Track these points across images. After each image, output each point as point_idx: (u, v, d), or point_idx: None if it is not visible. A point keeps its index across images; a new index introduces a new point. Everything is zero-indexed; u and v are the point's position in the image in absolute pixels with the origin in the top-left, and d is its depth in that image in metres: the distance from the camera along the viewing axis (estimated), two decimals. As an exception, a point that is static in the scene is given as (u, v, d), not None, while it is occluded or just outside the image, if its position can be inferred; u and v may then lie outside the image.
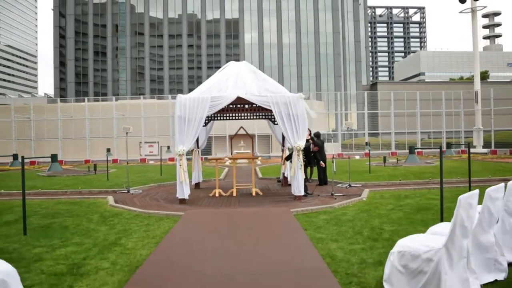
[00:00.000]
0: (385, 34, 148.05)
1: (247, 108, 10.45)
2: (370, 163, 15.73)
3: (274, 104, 8.85)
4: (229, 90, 9.26)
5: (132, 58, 63.09)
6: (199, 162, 11.90)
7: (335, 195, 9.31)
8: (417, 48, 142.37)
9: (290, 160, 9.79)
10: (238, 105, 10.19)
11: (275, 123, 10.65)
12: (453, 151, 25.65)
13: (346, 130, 29.90)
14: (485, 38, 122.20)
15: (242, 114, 10.89)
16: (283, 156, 11.87)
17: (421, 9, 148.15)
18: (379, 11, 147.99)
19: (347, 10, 65.02)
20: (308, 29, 61.58)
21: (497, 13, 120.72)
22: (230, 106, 10.14)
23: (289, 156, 10.13)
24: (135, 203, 9.03)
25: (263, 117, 11.23)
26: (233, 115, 10.97)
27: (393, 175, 13.15)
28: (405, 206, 7.65)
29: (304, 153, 10.31)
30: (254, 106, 9.94)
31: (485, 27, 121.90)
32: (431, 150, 26.74)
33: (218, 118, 11.22)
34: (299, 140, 8.83)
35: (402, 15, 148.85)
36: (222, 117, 11.17)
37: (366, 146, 17.28)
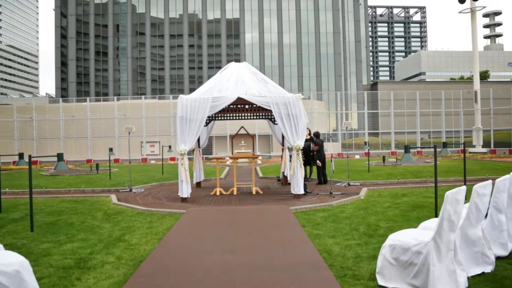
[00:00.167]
0: (386, 34, 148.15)
1: (248, 109, 10.64)
2: (370, 163, 15.91)
3: (274, 105, 9.03)
4: (230, 91, 9.44)
5: (133, 58, 63.32)
6: (200, 162, 12.09)
7: (334, 194, 9.48)
8: (418, 48, 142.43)
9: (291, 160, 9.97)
10: (239, 106, 10.38)
11: (275, 123, 10.83)
12: (449, 150, 25.93)
13: (345, 130, 30.09)
14: (486, 38, 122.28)
15: (243, 114, 11.08)
16: (283, 156, 12.04)
17: (422, 9, 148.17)
18: (380, 11, 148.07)
19: (348, 10, 65.17)
20: (309, 29, 61.75)
21: (498, 13, 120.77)
22: (231, 107, 10.33)
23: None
24: (138, 202, 9.22)
25: (263, 117, 11.41)
26: (234, 115, 11.16)
27: (392, 174, 13.32)
28: (402, 204, 7.83)
29: (304, 153, 10.50)
30: (254, 107, 10.13)
31: (486, 27, 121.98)
32: (431, 150, 26.89)
33: (219, 118, 11.40)
34: (298, 140, 9.02)
35: (403, 15, 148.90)
36: (223, 117, 11.36)
37: (365, 146, 17.47)
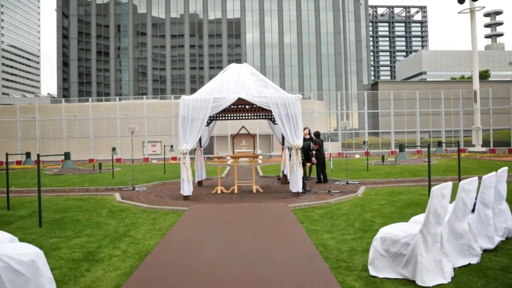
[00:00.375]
0: (387, 33, 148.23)
1: (248, 109, 10.87)
2: (370, 162, 16.12)
3: (274, 105, 9.26)
4: (231, 92, 9.68)
5: (135, 58, 63.63)
6: (202, 161, 12.32)
7: (332, 192, 9.70)
8: (419, 47, 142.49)
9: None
10: (239, 106, 10.61)
11: (275, 123, 11.05)
12: (448, 150, 26.28)
13: (345, 130, 30.32)
14: (487, 37, 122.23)
15: (243, 115, 11.31)
16: (283, 155, 12.27)
17: (423, 8, 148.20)
18: (381, 10, 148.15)
19: (348, 10, 65.36)
20: (309, 29, 61.98)
21: (499, 12, 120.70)
22: (232, 107, 10.56)
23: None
24: (141, 200, 9.45)
25: (264, 117, 11.65)
26: (235, 116, 11.39)
27: (390, 173, 13.53)
28: (397, 202, 8.05)
29: (304, 152, 10.73)
30: (255, 107, 10.36)
31: (487, 26, 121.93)
32: (433, 149, 27.07)
33: (220, 118, 11.64)
34: (298, 139, 9.25)
35: (404, 14, 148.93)
36: (224, 117, 11.60)
37: (364, 145, 17.69)
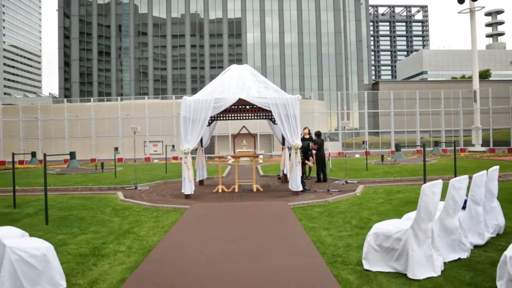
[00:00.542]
0: (388, 33, 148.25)
1: (249, 109, 11.06)
2: (370, 161, 16.31)
3: (274, 106, 9.44)
4: (231, 92, 9.86)
5: (136, 58, 63.85)
6: (203, 160, 12.51)
7: (331, 191, 9.88)
8: (420, 47, 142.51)
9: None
10: (240, 106, 10.80)
11: (275, 123, 11.23)
12: (441, 149, 26.52)
13: (344, 130, 30.49)
14: (488, 36, 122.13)
15: (244, 115, 11.50)
16: (283, 155, 12.45)
17: (424, 8, 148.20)
18: (382, 10, 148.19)
19: (349, 10, 65.45)
20: (310, 29, 62.11)
21: (500, 11, 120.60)
22: (232, 107, 10.74)
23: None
24: (143, 198, 9.64)
25: (264, 118, 11.83)
26: (235, 116, 11.58)
27: (389, 172, 13.70)
28: (395, 200, 8.23)
29: (303, 151, 10.91)
30: (255, 107, 10.55)
31: (488, 25, 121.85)
32: (429, 149, 27.25)
33: (221, 118, 11.82)
34: (297, 139, 9.44)
35: (405, 14, 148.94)
36: (225, 118, 11.78)
37: (363, 145, 17.86)
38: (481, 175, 4.69)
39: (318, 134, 12.80)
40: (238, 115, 11.56)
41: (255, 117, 11.72)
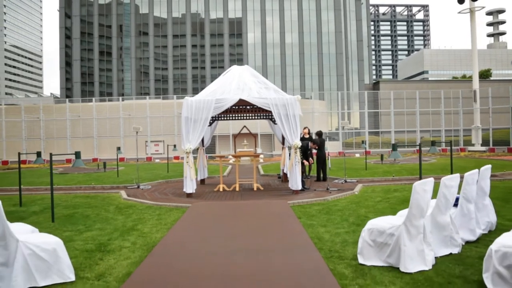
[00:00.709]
0: (389, 32, 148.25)
1: (249, 109, 11.24)
2: (370, 161, 16.48)
3: (274, 106, 9.62)
4: (232, 93, 10.05)
5: (137, 58, 64.09)
6: (204, 160, 12.69)
7: (330, 190, 10.06)
8: (421, 46, 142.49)
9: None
10: (241, 107, 10.98)
11: (275, 123, 11.41)
12: (438, 149, 26.59)
13: (342, 129, 30.67)
14: (489, 36, 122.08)
15: (244, 115, 11.68)
16: (283, 154, 12.63)
17: (425, 7, 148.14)
18: (383, 9, 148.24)
19: (350, 10, 65.59)
20: (311, 29, 62.27)
21: (502, 11, 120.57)
22: (233, 107, 10.92)
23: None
24: (146, 197, 9.83)
25: (264, 118, 12.00)
26: (236, 116, 11.76)
27: (388, 172, 13.88)
28: (392, 199, 8.41)
29: (303, 151, 11.09)
30: (256, 107, 10.72)
31: (489, 25, 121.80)
32: (427, 148, 27.40)
33: (222, 119, 12.00)
34: (296, 139, 9.62)
35: (406, 13, 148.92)
36: (226, 118, 11.96)
37: (362, 145, 18.03)
38: (473, 174, 4.86)
39: (320, 134, 12.98)
40: (239, 115, 11.74)
41: (256, 117, 11.89)
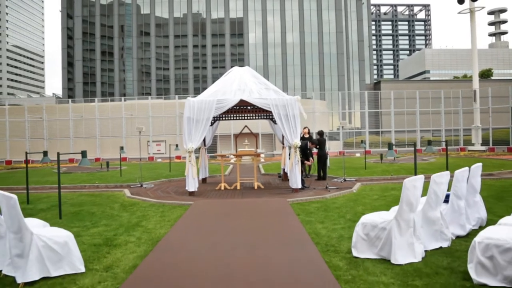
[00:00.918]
0: (390, 32, 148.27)
1: (250, 110, 11.47)
2: (370, 160, 16.69)
3: (274, 106, 9.85)
4: (233, 94, 10.28)
5: (139, 58, 64.40)
6: (206, 159, 12.93)
7: (329, 188, 10.28)
8: (422, 46, 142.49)
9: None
10: (242, 107, 11.21)
11: (275, 123, 11.64)
12: (434, 149, 26.85)
13: (343, 129, 30.87)
14: (491, 35, 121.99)
15: (245, 115, 11.90)
16: (283, 153, 12.85)
17: (426, 7, 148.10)
18: (384, 9, 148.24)
19: (351, 10, 65.77)
20: (312, 29, 62.46)
21: (503, 10, 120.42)
22: (234, 108, 11.15)
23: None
24: (149, 195, 10.07)
25: (265, 118, 12.21)
26: (237, 116, 11.98)
27: (387, 171, 14.09)
28: (389, 197, 8.63)
29: (302, 150, 11.31)
30: (256, 108, 10.96)
31: (491, 24, 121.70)
32: (423, 148, 27.60)
33: (223, 119, 12.23)
34: (296, 138, 9.85)
35: (407, 13, 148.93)
36: (227, 118, 12.19)
37: (362, 144, 18.23)
38: (463, 171, 5.08)
39: (321, 134, 13.20)
40: (240, 116, 11.97)
41: (256, 117, 12.12)
